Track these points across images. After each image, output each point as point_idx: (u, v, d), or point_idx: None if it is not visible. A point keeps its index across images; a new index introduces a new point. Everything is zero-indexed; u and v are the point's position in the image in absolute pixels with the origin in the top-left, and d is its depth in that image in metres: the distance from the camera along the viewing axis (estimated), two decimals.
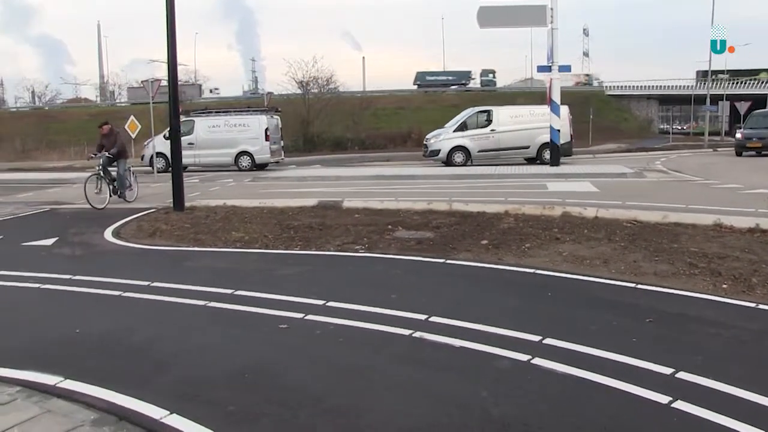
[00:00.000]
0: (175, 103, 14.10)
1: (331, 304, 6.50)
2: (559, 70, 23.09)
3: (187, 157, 25.31)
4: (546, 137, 23.62)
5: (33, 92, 75.32)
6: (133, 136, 25.74)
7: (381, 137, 43.20)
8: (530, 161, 25.62)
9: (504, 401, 4.29)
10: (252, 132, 26.36)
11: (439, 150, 25.95)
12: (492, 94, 58.02)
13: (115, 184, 15.41)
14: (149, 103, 22.39)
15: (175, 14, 13.70)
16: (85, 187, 14.66)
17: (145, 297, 7.12)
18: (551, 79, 22.96)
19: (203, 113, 28.67)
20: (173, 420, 4.16)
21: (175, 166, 13.86)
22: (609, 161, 26.60)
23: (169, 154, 25.50)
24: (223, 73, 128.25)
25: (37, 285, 7.83)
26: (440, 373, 4.81)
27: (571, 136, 25.16)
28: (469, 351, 5.19)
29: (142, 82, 25.50)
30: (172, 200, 13.79)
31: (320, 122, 42.12)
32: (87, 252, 10.00)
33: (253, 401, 4.41)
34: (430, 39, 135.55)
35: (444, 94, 60.01)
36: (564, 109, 24.34)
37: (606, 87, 67.70)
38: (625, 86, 67.29)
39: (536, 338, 5.37)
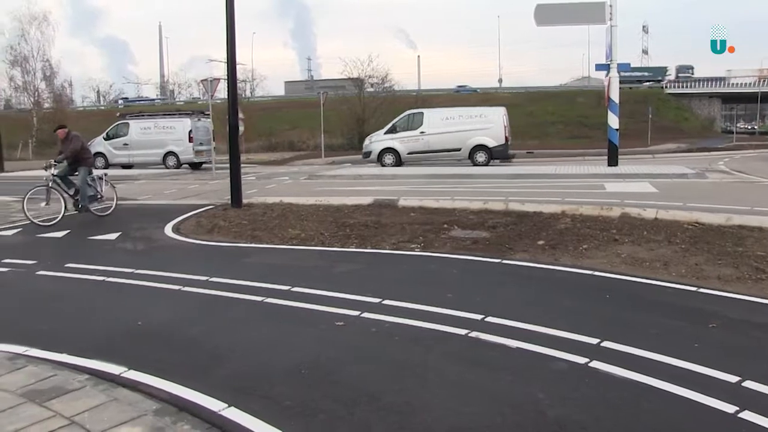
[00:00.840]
0: (234, 102, 14.34)
1: (386, 302, 6.52)
2: (618, 69, 22.66)
3: (123, 156, 28.91)
4: (479, 140, 24.17)
5: (98, 92, 77.57)
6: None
7: None
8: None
9: (560, 403, 4.24)
10: (177, 134, 28.35)
11: (371, 152, 26.42)
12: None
13: (78, 195, 13.20)
14: (207, 101, 22.76)
15: (235, 14, 13.92)
16: (25, 201, 12.82)
17: (204, 292, 7.27)
18: (609, 78, 22.55)
19: (137, 116, 31.35)
20: (231, 413, 4.24)
21: (232, 164, 14.07)
22: (669, 161, 26.06)
23: (107, 154, 28.69)
24: (279, 71, 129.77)
25: (102, 278, 8.08)
26: (495, 373, 4.79)
27: (506, 138, 24.87)
28: (524, 352, 5.15)
29: (201, 81, 25.97)
30: (229, 197, 14.04)
31: (375, 120, 42.23)
32: (148, 246, 10.26)
33: (310, 397, 4.46)
34: (484, 38, 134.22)
35: (497, 94, 59.50)
36: (498, 111, 25.30)
37: (665, 85, 66.11)
38: (686, 84, 65.63)
39: (594, 341, 5.29)
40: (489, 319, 5.91)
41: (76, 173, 13.16)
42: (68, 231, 11.74)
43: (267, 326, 6.08)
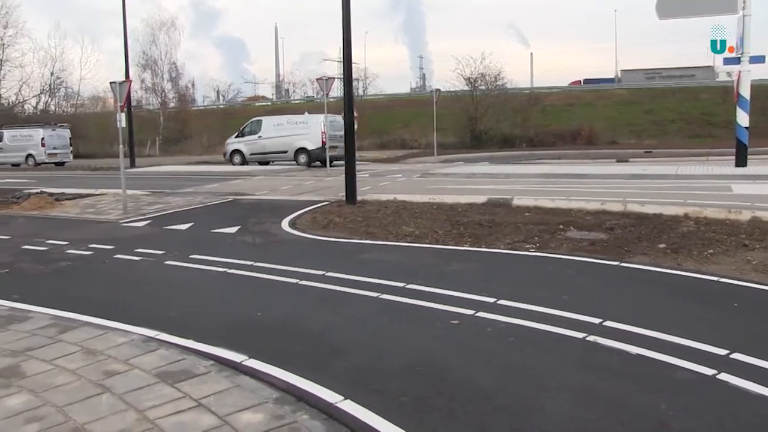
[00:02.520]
0: (350, 100, 14.58)
1: (501, 302, 6.47)
2: (751, 62, 21.17)
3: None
4: (301, 143, 27.89)
5: (218, 91, 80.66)
6: None
7: (549, 134, 42.09)
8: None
9: (685, 416, 4.08)
10: (33, 140, 37.06)
11: (226, 152, 30.38)
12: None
13: None
14: (321, 100, 23.22)
15: (351, 15, 14.14)
16: None
17: (320, 286, 7.45)
18: (740, 72, 21.19)
19: (9, 126, 39.70)
20: (347, 405, 4.34)
21: (348, 162, 14.31)
22: None
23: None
24: (390, 70, 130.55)
25: (224, 269, 8.44)
26: (614, 379, 4.66)
27: (323, 142, 26.24)
28: (646, 359, 4.98)
29: (317, 79, 26.53)
30: (344, 194, 14.30)
31: (488, 119, 41.83)
32: (266, 240, 10.62)
33: (425, 394, 4.50)
34: (599, 33, 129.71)
35: (613, 91, 57.44)
36: (317, 118, 27.50)
37: None
38: None
39: (722, 352, 5.04)
40: (607, 323, 5.76)
41: None
42: (192, 224, 12.32)
43: (382, 322, 6.17)
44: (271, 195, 17.10)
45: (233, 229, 11.50)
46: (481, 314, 6.15)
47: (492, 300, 6.54)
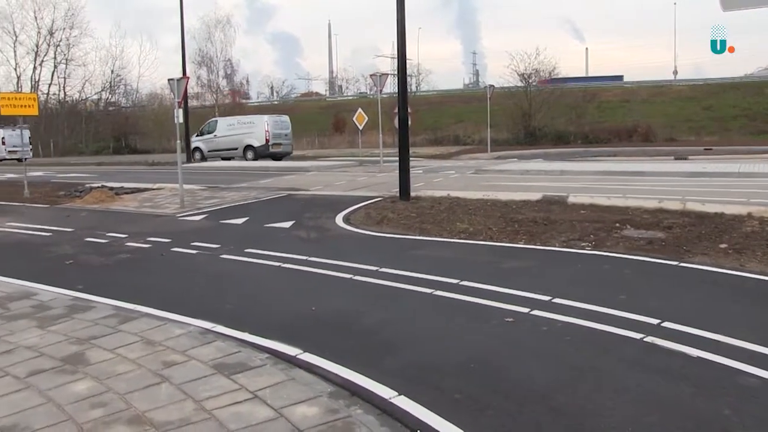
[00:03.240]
0: (404, 96, 14.58)
1: (557, 300, 6.39)
2: None
3: None
4: (248, 141, 31.46)
5: (272, 87, 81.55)
6: (360, 127, 27.06)
7: (605, 131, 41.36)
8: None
9: (752, 423, 3.95)
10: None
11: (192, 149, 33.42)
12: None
13: None
14: (374, 96, 23.27)
15: (405, 12, 14.13)
16: None
17: (374, 281, 7.47)
18: None
19: None
20: (401, 401, 4.34)
21: (402, 157, 14.30)
22: None
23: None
24: (443, 66, 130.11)
25: (278, 264, 8.54)
26: (675, 382, 4.54)
27: (267, 140, 31.03)
28: (707, 362, 4.84)
29: (370, 75, 26.64)
30: (397, 190, 14.30)
31: (542, 115, 41.33)
32: (320, 235, 10.70)
33: (479, 391, 4.47)
34: (656, 26, 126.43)
35: (671, 87, 56.04)
36: (262, 119, 31.82)
37: None
38: None
39: None
40: (666, 324, 5.63)
41: None
42: (247, 218, 12.49)
43: (436, 318, 6.15)
44: (324, 190, 17.22)
45: (288, 224, 11.62)
46: (536, 312, 6.08)
47: (547, 298, 6.46)
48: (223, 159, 32.66)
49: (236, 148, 32.16)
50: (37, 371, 4.94)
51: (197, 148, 33.96)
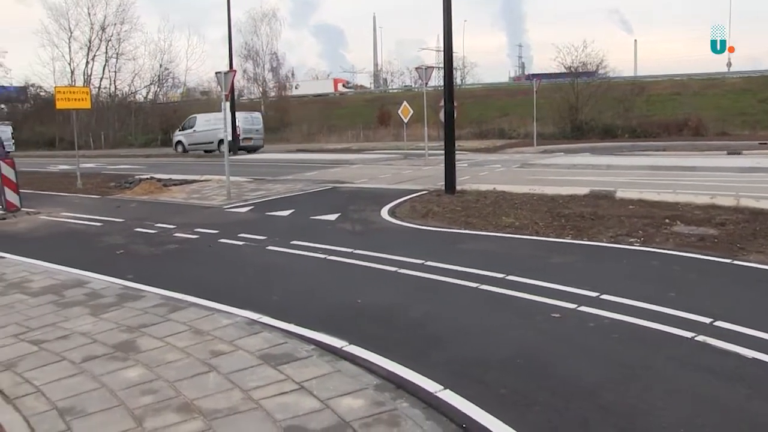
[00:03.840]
0: (450, 89, 14.50)
1: (604, 296, 6.29)
2: None
3: None
4: (221, 136, 30.15)
5: (317, 80, 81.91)
6: (406, 120, 27.02)
7: (654, 125, 40.43)
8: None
9: None
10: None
11: (173, 142, 36.82)
12: None
13: None
14: (419, 89, 23.19)
15: (451, 4, 14.04)
16: None
17: (420, 275, 7.45)
18: None
19: None
20: (447, 395, 4.32)
21: (447, 150, 14.24)
22: None
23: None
24: (488, 59, 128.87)
25: (323, 256, 8.58)
26: (729, 384, 4.43)
27: (236, 135, 33.02)
28: (763, 364, 4.71)
29: (416, 68, 26.57)
30: (443, 183, 14.26)
31: (589, 109, 40.67)
32: (366, 228, 10.72)
33: (525, 387, 4.44)
34: (709, 18, 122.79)
35: (724, 79, 54.52)
36: (237, 115, 33.56)
37: None
38: None
39: None
40: (719, 323, 5.49)
41: None
42: (293, 210, 12.58)
43: (482, 313, 6.12)
44: (370, 183, 17.26)
45: (333, 217, 11.67)
46: (583, 308, 5.99)
47: (594, 294, 6.36)
48: (206, 152, 35.11)
49: (212, 142, 34.47)
50: (90, 357, 5.07)
51: (179, 142, 37.33)
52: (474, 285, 6.89)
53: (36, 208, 13.93)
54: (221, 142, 32.35)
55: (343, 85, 62.25)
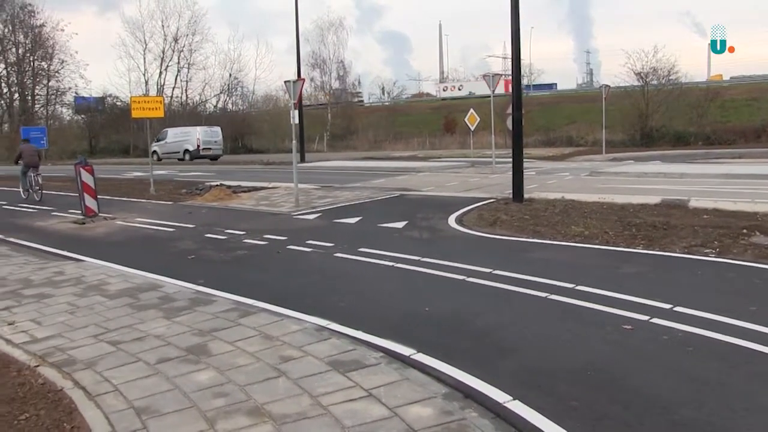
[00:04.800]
0: (518, 96, 14.37)
1: (678, 309, 6.11)
2: None
3: None
4: (185, 146, 40.26)
5: (383, 88, 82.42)
6: (472, 128, 26.83)
7: (729, 132, 39.09)
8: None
9: None
10: None
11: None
12: None
13: None
14: (488, 96, 23.03)
15: (519, 12, 13.92)
16: None
17: (487, 284, 7.39)
18: None
19: None
20: (516, 406, 4.27)
21: (515, 158, 14.10)
22: None
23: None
24: (554, 65, 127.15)
25: (391, 263, 8.61)
26: None
27: (198, 146, 39.81)
28: None
29: (483, 76, 26.44)
30: (510, 191, 14.13)
31: (660, 115, 39.62)
32: (433, 236, 10.70)
33: (596, 400, 4.34)
34: None
35: None
36: (196, 129, 41.07)
37: None
38: None
39: None
40: None
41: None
42: (360, 218, 12.66)
43: (551, 322, 6.02)
44: (437, 191, 17.22)
45: (400, 224, 11.69)
46: (655, 321, 5.84)
47: (668, 306, 6.19)
48: (179, 160, 40.13)
49: (178, 152, 40.49)
50: (164, 359, 5.22)
51: (155, 151, 40.51)
52: (543, 294, 6.79)
53: (112, 214, 14.42)
54: (186, 151, 40.56)
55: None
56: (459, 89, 71.67)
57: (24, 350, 5.65)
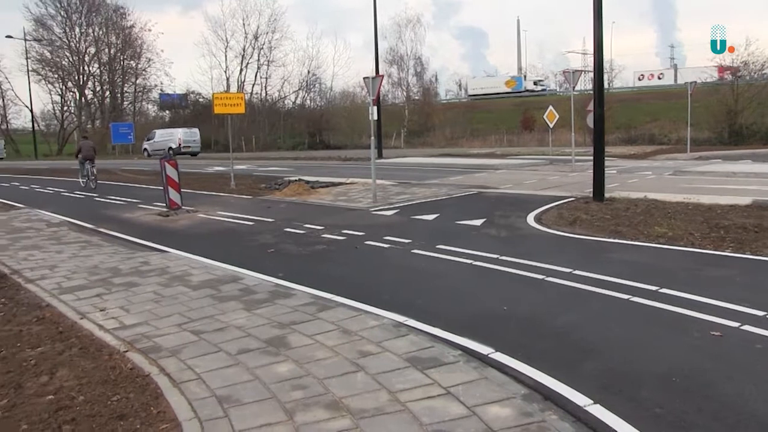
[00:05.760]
0: (601, 92, 14.04)
1: None
2: None
3: None
4: (169, 145, 44.83)
5: (460, 84, 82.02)
6: (551, 125, 26.42)
7: None
8: None
9: None
10: None
11: (142, 149, 47.36)
12: None
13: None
14: (565, 93, 22.58)
15: (602, 7, 13.60)
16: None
17: (567, 284, 7.25)
18: None
19: None
20: (597, 410, 4.17)
21: (596, 156, 13.78)
22: None
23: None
24: (636, 60, 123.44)
25: (469, 261, 8.55)
26: None
27: (179, 144, 45.25)
28: None
29: (563, 72, 25.98)
30: (590, 190, 13.83)
31: (750, 112, 38.00)
32: (511, 234, 10.57)
33: (683, 408, 4.19)
34: None
35: None
36: (178, 131, 47.26)
37: None
38: None
39: None
40: None
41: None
42: (437, 215, 12.63)
43: (633, 325, 5.86)
44: (515, 189, 17.04)
45: (478, 222, 11.60)
46: (747, 328, 5.59)
47: (761, 313, 5.92)
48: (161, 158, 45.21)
49: (163, 149, 43.80)
50: (245, 350, 5.33)
51: (145, 149, 48.68)
52: (625, 296, 6.61)
53: (194, 207, 14.84)
54: (170, 149, 44.50)
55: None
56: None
57: (114, 336, 5.88)
